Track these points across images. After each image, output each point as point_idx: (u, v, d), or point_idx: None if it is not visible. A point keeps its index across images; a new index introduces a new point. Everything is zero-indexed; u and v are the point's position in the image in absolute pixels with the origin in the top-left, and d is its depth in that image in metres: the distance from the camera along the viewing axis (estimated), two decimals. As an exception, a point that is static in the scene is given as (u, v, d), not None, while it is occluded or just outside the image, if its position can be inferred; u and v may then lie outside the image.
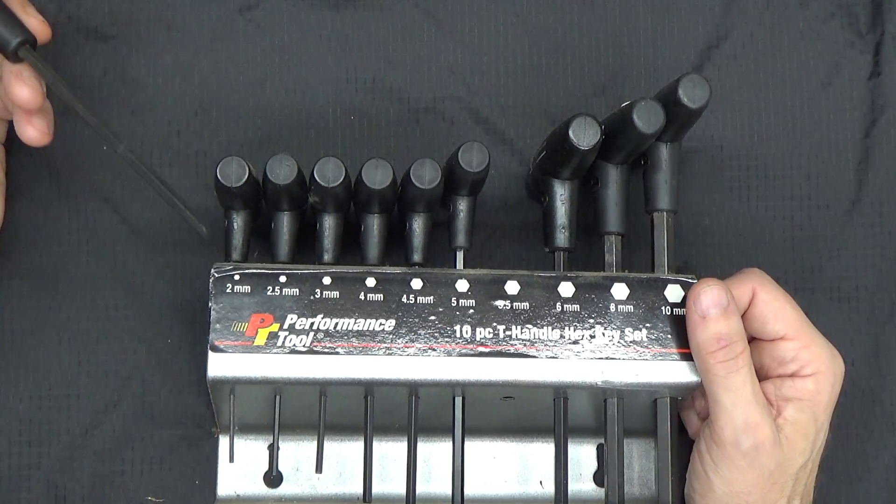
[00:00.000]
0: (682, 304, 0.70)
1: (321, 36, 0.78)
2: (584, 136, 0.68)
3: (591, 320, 0.70)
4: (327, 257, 0.71)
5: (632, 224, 0.73)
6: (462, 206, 0.72)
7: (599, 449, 0.77)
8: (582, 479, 0.76)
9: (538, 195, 0.74)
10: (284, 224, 0.71)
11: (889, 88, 0.80)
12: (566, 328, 0.69)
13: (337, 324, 0.68)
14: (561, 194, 0.72)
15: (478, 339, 0.69)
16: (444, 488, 0.74)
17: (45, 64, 0.66)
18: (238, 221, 0.71)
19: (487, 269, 0.71)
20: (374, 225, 0.71)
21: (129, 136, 0.76)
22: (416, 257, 0.72)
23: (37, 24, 0.68)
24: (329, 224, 0.71)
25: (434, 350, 0.69)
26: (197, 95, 0.77)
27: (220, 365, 0.68)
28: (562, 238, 0.72)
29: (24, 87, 0.67)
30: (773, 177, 0.79)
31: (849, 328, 0.79)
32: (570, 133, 0.68)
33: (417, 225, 0.72)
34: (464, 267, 0.72)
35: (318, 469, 0.70)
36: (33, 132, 0.69)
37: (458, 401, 0.70)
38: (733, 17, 0.80)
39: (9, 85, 0.68)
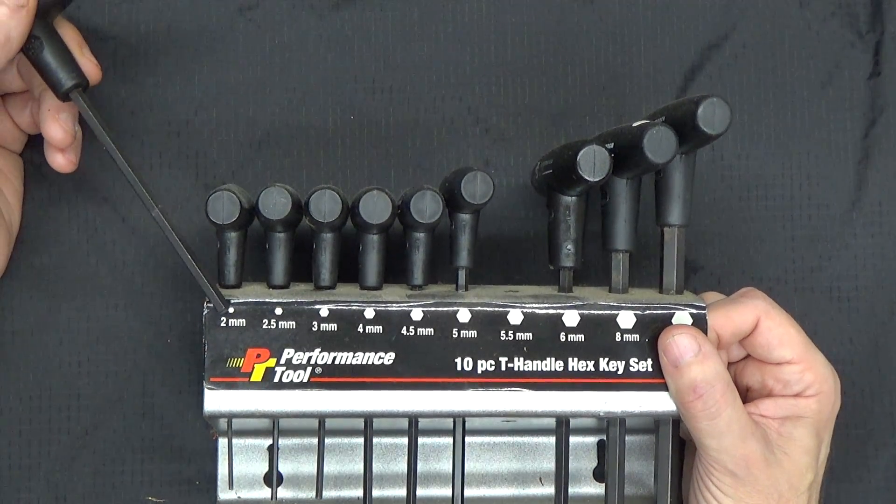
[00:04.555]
0: None
1: (321, 36, 0.78)
2: (594, 169, 0.66)
3: (596, 351, 0.68)
4: (325, 276, 0.69)
5: (639, 228, 0.72)
6: (464, 224, 0.70)
7: (600, 445, 0.77)
8: (581, 475, 0.76)
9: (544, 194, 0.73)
10: (279, 248, 0.69)
11: (889, 88, 0.80)
12: (570, 359, 0.68)
13: (335, 358, 0.67)
14: (567, 211, 0.70)
15: (479, 371, 0.67)
16: (445, 488, 0.74)
17: (92, 109, 0.67)
18: (231, 249, 0.69)
19: (490, 285, 0.71)
20: (373, 246, 0.69)
21: (129, 135, 0.76)
22: (417, 279, 0.70)
23: (91, 68, 0.68)
24: (326, 246, 0.69)
25: (434, 384, 0.67)
26: (197, 95, 0.77)
27: (216, 401, 0.67)
28: (567, 258, 0.70)
29: (59, 129, 0.69)
30: (773, 176, 0.79)
31: (849, 328, 0.79)
32: (579, 166, 0.66)
33: (418, 247, 0.69)
34: (466, 284, 0.70)
35: (318, 496, 0.69)
36: (62, 160, 0.71)
37: (459, 420, 0.70)
38: (733, 17, 0.80)
39: (44, 121, 0.69)
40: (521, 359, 0.68)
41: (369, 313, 0.67)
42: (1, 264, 0.73)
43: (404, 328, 0.67)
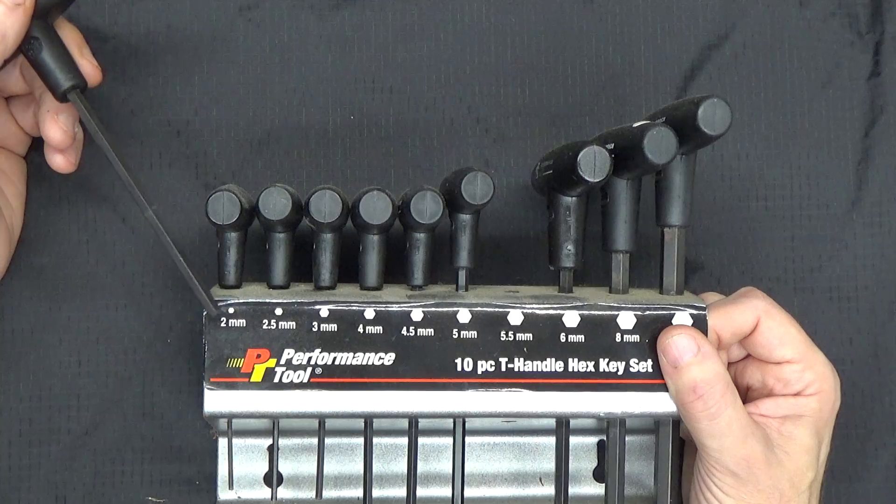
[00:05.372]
0: None
1: (321, 36, 0.78)
2: (594, 169, 0.66)
3: (596, 351, 0.68)
4: (325, 276, 0.69)
5: (639, 228, 0.72)
6: (464, 224, 0.69)
7: (600, 445, 0.77)
8: (581, 475, 0.76)
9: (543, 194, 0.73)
10: (279, 248, 0.69)
11: (889, 88, 0.80)
12: (570, 359, 0.68)
13: (335, 358, 0.67)
14: (567, 211, 0.70)
15: (479, 372, 0.67)
16: (445, 488, 0.74)
17: (90, 110, 0.66)
18: (231, 249, 0.69)
19: (490, 285, 0.70)
20: (373, 247, 0.69)
21: (129, 136, 0.76)
22: (417, 279, 0.70)
23: (90, 69, 0.68)
24: (326, 246, 0.69)
25: (434, 384, 0.67)
26: (197, 95, 0.77)
27: (216, 401, 0.67)
28: (567, 259, 0.70)
29: (58, 130, 0.68)
30: (773, 176, 0.79)
31: (849, 328, 0.79)
32: (579, 166, 0.65)
33: (418, 248, 0.69)
34: (466, 285, 0.70)
35: (318, 496, 0.69)
36: (62, 161, 0.70)
37: (459, 421, 0.70)
38: (733, 17, 0.80)
39: (43, 122, 0.68)
40: (522, 359, 0.68)
41: (369, 314, 0.67)
42: (2, 267, 0.73)
43: (404, 328, 0.67)
